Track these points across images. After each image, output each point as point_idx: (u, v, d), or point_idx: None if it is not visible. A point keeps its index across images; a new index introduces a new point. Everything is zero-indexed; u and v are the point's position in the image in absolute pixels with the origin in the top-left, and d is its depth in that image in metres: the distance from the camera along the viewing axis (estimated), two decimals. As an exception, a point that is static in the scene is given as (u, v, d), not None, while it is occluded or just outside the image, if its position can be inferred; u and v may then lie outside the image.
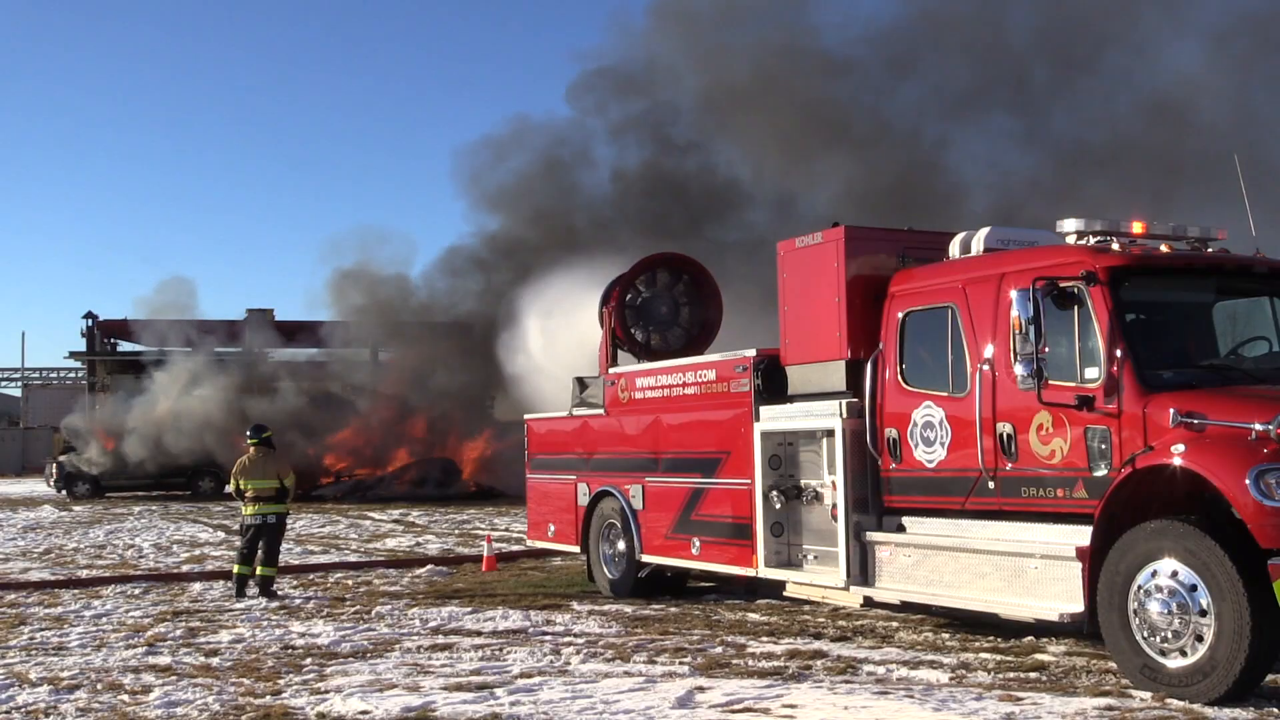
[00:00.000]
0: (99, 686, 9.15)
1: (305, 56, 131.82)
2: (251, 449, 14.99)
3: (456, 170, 77.84)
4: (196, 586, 15.65)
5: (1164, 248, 9.29)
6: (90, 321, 55.26)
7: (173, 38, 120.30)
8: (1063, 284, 8.75)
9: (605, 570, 14.00)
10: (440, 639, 10.99)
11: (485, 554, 17.14)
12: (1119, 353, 8.49)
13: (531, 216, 37.68)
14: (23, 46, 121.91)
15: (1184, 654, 7.74)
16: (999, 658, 9.44)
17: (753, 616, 11.97)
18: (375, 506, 33.28)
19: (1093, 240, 9.19)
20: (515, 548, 19.39)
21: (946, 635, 10.53)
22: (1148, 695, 7.86)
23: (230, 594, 14.56)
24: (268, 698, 8.62)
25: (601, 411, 14.14)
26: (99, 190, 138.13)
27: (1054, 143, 31.93)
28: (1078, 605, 8.48)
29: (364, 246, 46.87)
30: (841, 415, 10.55)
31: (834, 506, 10.69)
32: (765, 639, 10.61)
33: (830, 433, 10.73)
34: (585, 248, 27.59)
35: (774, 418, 11.45)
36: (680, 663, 9.55)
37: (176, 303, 46.78)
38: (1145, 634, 7.94)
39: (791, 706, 7.88)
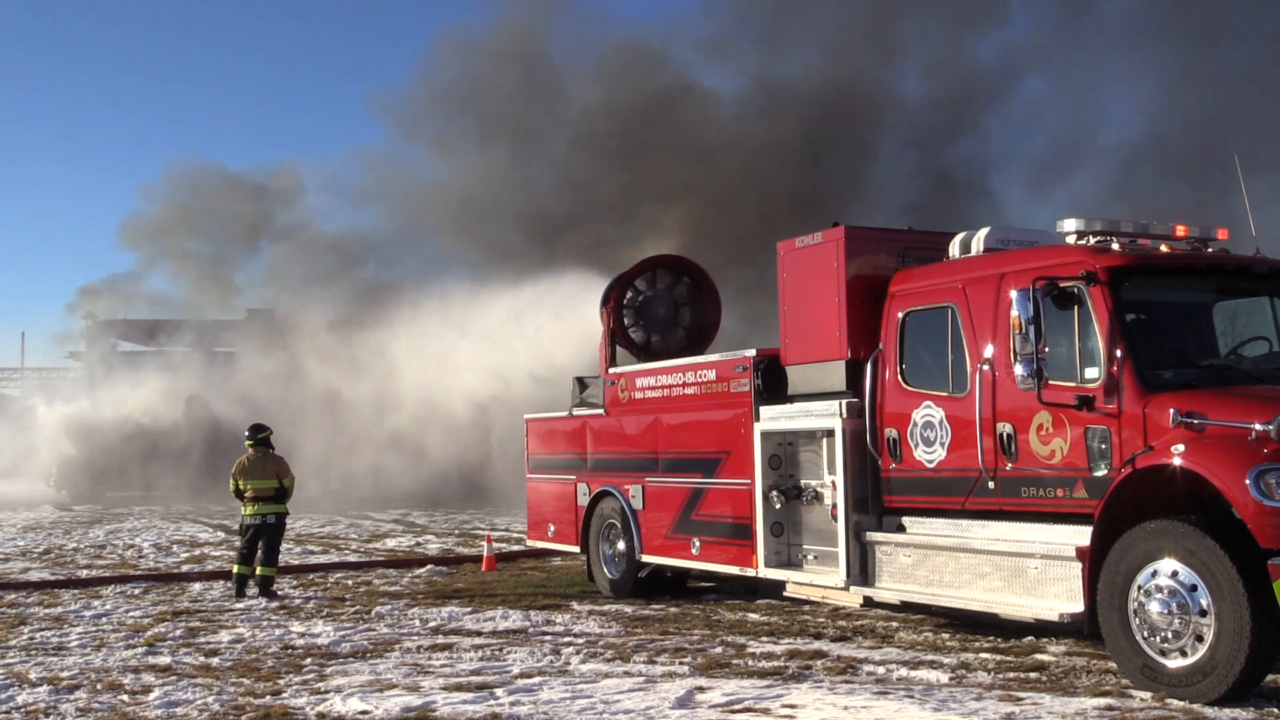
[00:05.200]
0: (99, 686, 9.14)
1: (308, 57, 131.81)
2: (250, 449, 14.98)
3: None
4: (196, 586, 15.65)
5: (1164, 248, 9.29)
6: (89, 321, 55.25)
7: (174, 37, 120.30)
8: (1063, 284, 8.75)
9: (605, 570, 14.00)
10: (440, 639, 10.98)
11: (485, 554, 17.15)
12: (1119, 353, 8.49)
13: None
14: (22, 45, 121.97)
15: (1184, 654, 7.73)
16: (999, 658, 9.44)
17: (753, 616, 11.97)
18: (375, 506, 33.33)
19: (1093, 240, 9.19)
20: (515, 548, 19.39)
21: (946, 635, 10.52)
22: (1148, 695, 7.86)
23: (230, 594, 14.56)
24: (268, 698, 8.61)
25: (601, 411, 14.14)
26: (99, 190, 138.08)
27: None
28: (1078, 605, 8.48)
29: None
30: (841, 415, 10.55)
31: (834, 506, 10.69)
32: (765, 639, 10.61)
33: (830, 433, 10.72)
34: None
35: (774, 418, 11.45)
36: (680, 663, 9.55)
37: None
38: (1145, 634, 7.94)
39: (791, 706, 7.88)
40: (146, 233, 48.79)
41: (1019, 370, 8.73)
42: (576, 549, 14.65)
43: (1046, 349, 8.63)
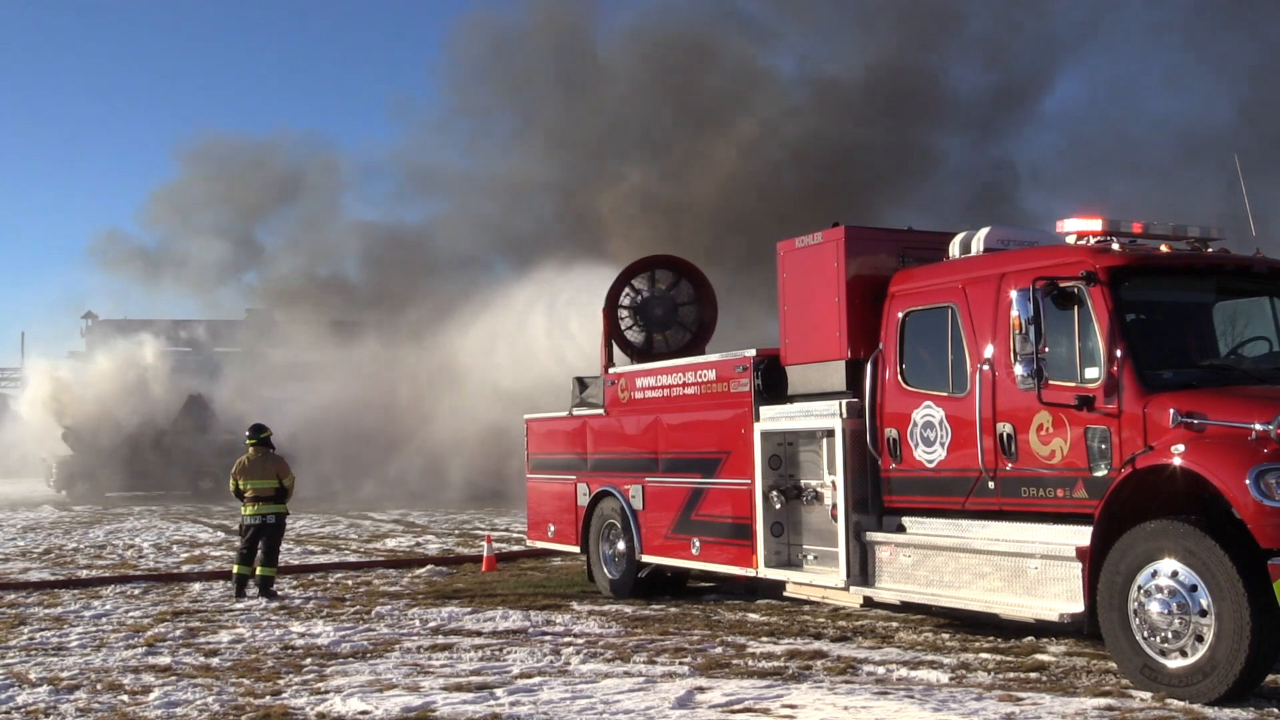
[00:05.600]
0: (99, 686, 9.15)
1: (312, 58, 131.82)
2: (250, 449, 14.98)
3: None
4: (196, 586, 15.65)
5: (1164, 248, 9.29)
6: (89, 321, 55.26)
7: (177, 39, 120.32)
8: (1063, 284, 8.75)
9: (605, 570, 14.00)
10: (440, 639, 10.99)
11: (485, 554, 17.15)
12: (1119, 353, 8.49)
13: None
14: (22, 43, 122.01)
15: (1184, 654, 7.73)
16: (999, 658, 9.44)
17: (753, 616, 11.97)
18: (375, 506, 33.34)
19: (1093, 240, 9.19)
20: (515, 548, 19.40)
21: (946, 635, 10.53)
22: (1148, 695, 7.87)
23: (230, 594, 14.56)
24: (268, 698, 8.62)
25: (601, 411, 14.14)
26: (98, 188, 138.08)
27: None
28: (1078, 605, 8.48)
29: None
30: (841, 415, 10.55)
31: (834, 506, 10.69)
32: (765, 639, 10.61)
33: (830, 433, 10.72)
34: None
35: (774, 418, 11.45)
36: (680, 663, 9.55)
37: None
38: (1145, 634, 7.94)
39: (791, 706, 7.88)
40: (170, 201, 48.72)
41: (1019, 370, 8.73)
42: (576, 549, 14.65)
43: (1046, 349, 8.64)
